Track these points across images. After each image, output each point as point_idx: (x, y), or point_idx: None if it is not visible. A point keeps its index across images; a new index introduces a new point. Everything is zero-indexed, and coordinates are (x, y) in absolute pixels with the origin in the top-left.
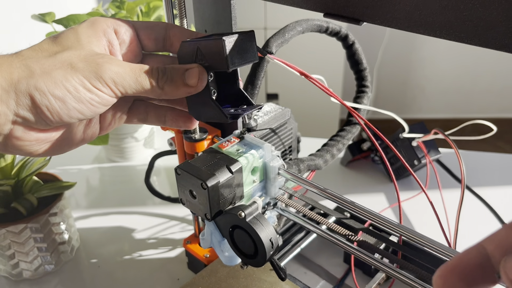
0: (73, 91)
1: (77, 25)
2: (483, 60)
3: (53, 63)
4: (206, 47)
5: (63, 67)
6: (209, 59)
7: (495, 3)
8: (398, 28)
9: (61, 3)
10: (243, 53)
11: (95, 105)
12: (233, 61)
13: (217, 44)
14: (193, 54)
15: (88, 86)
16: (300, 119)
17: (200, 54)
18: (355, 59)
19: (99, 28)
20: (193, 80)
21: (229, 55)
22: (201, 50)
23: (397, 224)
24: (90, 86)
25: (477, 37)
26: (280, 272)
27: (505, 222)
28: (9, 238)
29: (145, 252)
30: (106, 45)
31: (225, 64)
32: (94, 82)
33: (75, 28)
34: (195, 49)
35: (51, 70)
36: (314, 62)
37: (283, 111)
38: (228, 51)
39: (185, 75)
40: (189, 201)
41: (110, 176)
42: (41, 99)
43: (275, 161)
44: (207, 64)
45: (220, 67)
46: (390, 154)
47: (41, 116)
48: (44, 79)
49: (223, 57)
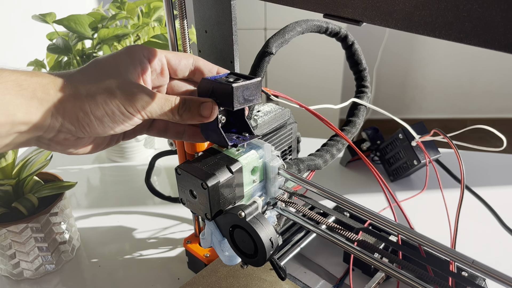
0: (110, 113)
1: (118, 53)
2: (483, 60)
3: (97, 88)
4: (218, 88)
5: (105, 92)
6: (220, 98)
7: (494, 3)
8: (398, 28)
9: (61, 3)
10: (248, 96)
11: (125, 125)
12: (238, 103)
13: (227, 89)
14: (208, 90)
15: (123, 110)
16: (300, 119)
17: (214, 93)
18: (355, 60)
19: (136, 58)
20: (206, 112)
21: (235, 98)
22: (215, 90)
23: (397, 224)
24: (124, 110)
25: (476, 37)
26: (280, 271)
27: (504, 222)
28: (10, 237)
29: (145, 252)
30: (140, 73)
31: (231, 105)
32: (128, 107)
33: (115, 56)
34: (211, 87)
35: (95, 94)
36: (314, 62)
37: (283, 111)
38: (234, 95)
39: (201, 107)
40: (190, 201)
41: (110, 176)
42: (83, 118)
43: (275, 161)
44: (218, 101)
45: (227, 106)
46: (390, 154)
47: (81, 129)
48: (88, 101)
49: (231, 100)
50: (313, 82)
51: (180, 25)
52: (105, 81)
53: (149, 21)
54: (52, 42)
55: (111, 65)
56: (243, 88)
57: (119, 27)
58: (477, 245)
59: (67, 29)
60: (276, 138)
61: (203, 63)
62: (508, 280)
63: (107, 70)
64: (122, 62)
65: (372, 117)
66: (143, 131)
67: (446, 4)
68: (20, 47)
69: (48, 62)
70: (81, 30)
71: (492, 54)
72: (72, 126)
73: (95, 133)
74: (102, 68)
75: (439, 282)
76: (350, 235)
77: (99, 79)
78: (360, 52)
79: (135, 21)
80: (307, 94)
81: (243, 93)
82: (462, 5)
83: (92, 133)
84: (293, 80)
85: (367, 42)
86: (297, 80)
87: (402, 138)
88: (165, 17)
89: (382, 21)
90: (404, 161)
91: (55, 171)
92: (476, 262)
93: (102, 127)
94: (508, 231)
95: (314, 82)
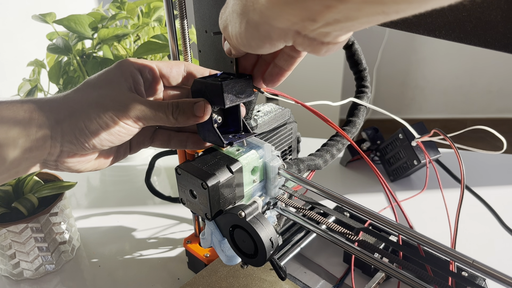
0: (105, 126)
1: (109, 69)
2: (483, 60)
3: (89, 103)
4: (210, 88)
5: (97, 106)
6: (211, 97)
7: (494, 3)
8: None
9: (61, 3)
10: (239, 94)
11: (122, 135)
12: (229, 100)
13: (216, 87)
14: (201, 91)
15: (116, 121)
16: (300, 119)
17: (206, 92)
18: (355, 59)
19: (126, 71)
20: (200, 112)
21: (225, 96)
22: (206, 89)
23: (397, 224)
24: (118, 121)
25: (476, 37)
26: (280, 271)
27: (504, 222)
28: (10, 238)
29: (145, 252)
30: (132, 84)
31: (222, 103)
32: (121, 117)
33: (107, 72)
34: (203, 87)
35: (88, 109)
36: (314, 62)
37: (283, 111)
38: (225, 92)
39: (194, 107)
40: (190, 201)
41: (110, 176)
42: (80, 134)
43: (275, 161)
44: (211, 100)
45: (219, 104)
46: (390, 154)
47: (81, 146)
48: (82, 118)
49: (221, 97)
50: (313, 82)
51: (180, 25)
52: (97, 96)
53: (149, 21)
54: (52, 42)
55: (103, 81)
56: (233, 85)
57: (119, 27)
58: (477, 245)
59: (67, 29)
60: (276, 138)
61: (195, 68)
62: (508, 280)
63: (99, 85)
64: (113, 77)
65: (372, 117)
66: (146, 143)
67: None
68: (20, 47)
69: (48, 62)
70: (81, 30)
71: (492, 54)
72: (72, 144)
73: (94, 147)
74: (95, 85)
75: (439, 282)
76: (350, 235)
77: (91, 95)
78: (360, 52)
79: (135, 21)
80: (307, 93)
81: (233, 90)
82: (462, 5)
83: (92, 148)
84: (293, 80)
85: (367, 42)
86: (297, 80)
87: (402, 138)
88: (165, 17)
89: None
90: (404, 161)
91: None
92: (476, 262)
93: (99, 140)
94: (508, 231)
95: (314, 82)
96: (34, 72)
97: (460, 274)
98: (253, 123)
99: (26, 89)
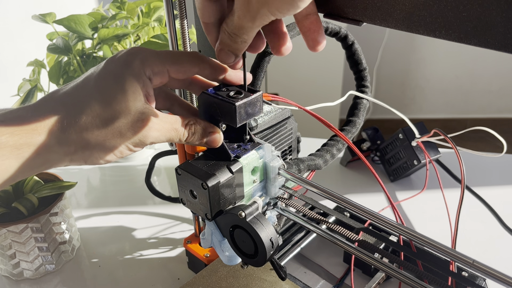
0: (119, 154)
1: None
2: (483, 60)
3: (106, 135)
4: (221, 106)
5: (114, 137)
6: (222, 115)
7: (494, 3)
8: (397, 28)
9: (61, 3)
10: (251, 111)
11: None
12: (240, 120)
13: (230, 107)
14: (210, 107)
15: (131, 148)
16: (300, 119)
17: (216, 109)
18: (355, 59)
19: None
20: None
21: (237, 116)
22: (217, 106)
23: (397, 224)
24: (133, 147)
25: (476, 37)
26: (280, 271)
27: (504, 222)
28: (10, 238)
29: (145, 252)
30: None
31: (234, 122)
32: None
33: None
34: (213, 103)
35: (104, 141)
36: (314, 62)
37: (283, 111)
38: (237, 113)
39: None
40: (190, 201)
41: (110, 176)
42: (91, 161)
43: (275, 161)
44: (220, 118)
45: (230, 123)
46: (390, 154)
47: (89, 164)
48: (97, 150)
49: (234, 118)
50: (313, 82)
51: (180, 25)
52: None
53: (149, 21)
54: (52, 42)
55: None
56: (246, 105)
57: (119, 27)
58: (477, 245)
59: (67, 29)
60: (276, 138)
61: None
62: (508, 280)
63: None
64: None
65: (372, 117)
66: None
67: (446, 4)
68: (20, 47)
69: (48, 62)
70: (81, 30)
71: (492, 54)
72: (79, 163)
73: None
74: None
75: (439, 282)
76: (350, 235)
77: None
78: (360, 52)
79: (135, 21)
80: (307, 93)
81: (245, 110)
82: (462, 5)
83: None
84: (293, 80)
85: (367, 42)
86: (297, 80)
87: (402, 138)
88: (165, 17)
89: (382, 21)
90: (404, 161)
91: (55, 171)
92: (476, 262)
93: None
94: (508, 231)
95: (314, 82)
96: (34, 72)
97: (460, 274)
98: (253, 123)
99: (26, 89)
